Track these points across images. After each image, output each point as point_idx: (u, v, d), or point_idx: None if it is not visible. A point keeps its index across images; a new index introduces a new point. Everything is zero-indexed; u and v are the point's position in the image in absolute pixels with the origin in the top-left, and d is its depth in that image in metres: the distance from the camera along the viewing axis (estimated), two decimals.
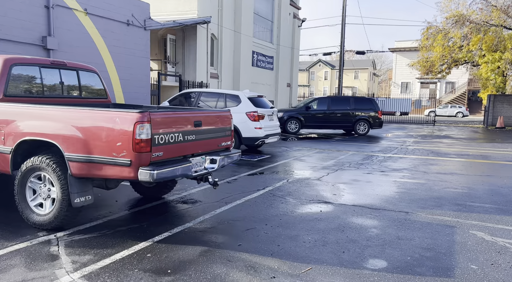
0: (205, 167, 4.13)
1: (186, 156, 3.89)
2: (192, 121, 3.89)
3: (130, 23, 11.67)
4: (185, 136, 3.77)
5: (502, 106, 22.17)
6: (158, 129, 3.44)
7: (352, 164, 8.33)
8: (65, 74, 4.58)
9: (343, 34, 23.54)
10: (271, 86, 22.82)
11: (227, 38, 17.88)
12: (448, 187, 6.14)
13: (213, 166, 4.18)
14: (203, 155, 4.12)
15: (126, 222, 4.09)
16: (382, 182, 6.48)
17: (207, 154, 4.17)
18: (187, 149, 3.86)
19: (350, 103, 15.84)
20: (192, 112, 4.02)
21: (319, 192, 5.72)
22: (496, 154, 10.31)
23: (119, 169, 3.37)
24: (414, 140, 13.99)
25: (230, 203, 4.90)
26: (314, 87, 65.47)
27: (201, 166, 4.08)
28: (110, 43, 11.05)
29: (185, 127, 3.79)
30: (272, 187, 5.93)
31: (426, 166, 8.22)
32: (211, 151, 4.27)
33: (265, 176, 6.83)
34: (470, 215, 4.61)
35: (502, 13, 19.88)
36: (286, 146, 11.34)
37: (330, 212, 4.67)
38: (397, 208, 4.88)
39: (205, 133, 4.09)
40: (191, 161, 3.82)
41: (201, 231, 3.87)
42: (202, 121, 4.03)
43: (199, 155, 4.07)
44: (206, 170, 4.10)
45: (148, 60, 12.66)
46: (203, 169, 4.09)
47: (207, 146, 4.18)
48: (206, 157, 4.14)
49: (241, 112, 9.06)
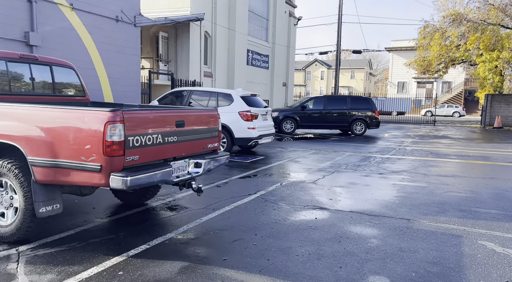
0: (188, 171, 3.75)
1: (167, 160, 3.51)
2: (174, 121, 3.52)
3: (119, 19, 11.24)
4: (165, 138, 3.39)
5: (500, 106, 21.97)
6: (133, 130, 3.06)
7: (349, 165, 7.99)
8: (36, 69, 4.19)
9: (340, 33, 23.23)
10: (266, 86, 22.46)
11: (221, 36, 17.49)
12: (450, 191, 5.81)
13: (198, 171, 3.81)
14: (186, 158, 3.74)
15: (101, 232, 3.70)
16: (381, 185, 6.13)
17: (191, 157, 3.80)
18: (168, 152, 3.48)
19: (346, 102, 15.51)
20: (174, 111, 3.65)
21: (314, 196, 5.36)
22: (497, 155, 10.02)
23: (88, 175, 2.99)
24: (412, 140, 13.69)
25: (218, 210, 4.52)
26: (311, 87, 65.24)
27: (184, 170, 3.71)
28: (98, 40, 10.63)
29: (165, 128, 3.41)
30: (264, 191, 5.56)
31: (426, 167, 7.90)
32: (195, 153, 3.89)
33: (258, 178, 6.46)
34: (477, 223, 4.27)
35: (499, 11, 19.66)
36: (281, 147, 10.98)
37: (326, 219, 4.31)
38: (397, 215, 4.53)
39: (188, 135, 3.71)
40: (171, 165, 3.45)
41: (183, 242, 3.49)
42: (185, 121, 3.65)
43: (182, 158, 3.70)
44: (190, 174, 3.72)
45: (138, 58, 12.25)
46: (186, 173, 3.71)
47: (191, 148, 3.80)
48: (189, 161, 3.76)
49: (233, 111, 8.69)
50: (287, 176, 6.74)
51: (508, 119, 21.76)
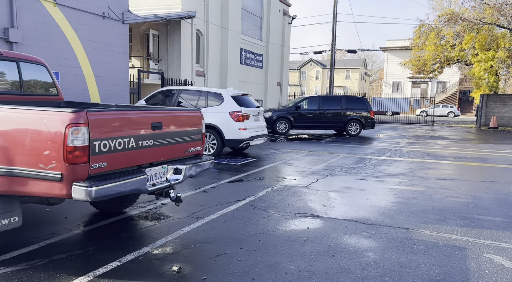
0: (167, 178, 3.40)
1: (142, 166, 3.16)
2: (149, 123, 3.16)
3: (106, 16, 10.83)
4: (139, 142, 3.04)
5: (495, 106, 21.84)
6: (100, 134, 2.70)
7: (343, 168, 7.67)
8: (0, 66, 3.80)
9: (334, 33, 22.96)
10: (260, 85, 22.12)
11: (214, 35, 17.12)
12: (450, 196, 5.51)
13: (178, 177, 3.45)
14: (164, 164, 3.39)
15: (69, 246, 3.33)
16: (377, 190, 5.82)
17: (170, 163, 3.44)
18: (143, 157, 3.13)
19: (341, 102, 15.22)
20: (150, 112, 3.29)
21: (307, 202, 5.03)
22: (495, 156, 9.77)
23: (47, 185, 2.62)
24: (407, 141, 13.43)
25: (202, 219, 4.17)
26: (306, 87, 65.03)
27: (162, 177, 3.35)
28: (84, 37, 10.22)
29: (139, 130, 3.06)
30: (254, 196, 5.22)
31: (424, 170, 7.60)
32: (175, 158, 3.54)
33: (248, 183, 6.12)
34: (481, 232, 3.97)
35: (495, 11, 19.50)
36: (274, 148, 10.64)
37: (318, 229, 3.98)
38: (396, 223, 4.22)
39: (167, 138, 3.36)
40: (146, 172, 3.09)
41: (160, 258, 3.13)
42: (163, 123, 3.30)
43: (160, 164, 3.34)
44: (168, 182, 3.36)
45: (126, 56, 11.84)
46: (164, 181, 3.36)
47: (170, 152, 3.45)
48: (168, 167, 3.41)
49: (224, 112, 8.34)
50: (279, 180, 6.40)
51: (504, 120, 21.64)
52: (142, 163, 3.14)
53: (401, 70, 37.26)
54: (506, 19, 19.53)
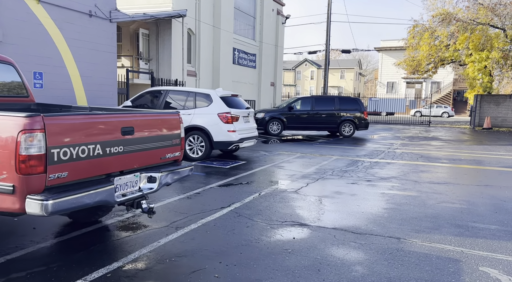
0: (139, 187, 3.15)
1: (111, 175, 2.91)
2: (119, 128, 2.91)
3: (92, 14, 10.52)
4: (106, 149, 2.78)
5: (489, 107, 21.81)
6: (60, 140, 2.45)
7: (335, 171, 7.46)
8: None
9: (328, 32, 22.79)
10: (253, 85, 21.87)
11: (206, 34, 16.84)
12: (444, 201, 5.31)
13: (152, 186, 3.21)
14: (137, 171, 3.14)
15: (31, 262, 3.07)
16: (369, 195, 5.61)
17: (143, 170, 3.19)
18: (112, 165, 2.87)
19: (334, 103, 15.03)
20: (119, 115, 3.03)
21: (295, 209, 4.80)
22: (489, 158, 9.62)
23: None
24: (401, 142, 13.27)
25: (182, 229, 3.92)
26: (301, 87, 64.92)
27: (134, 186, 3.10)
28: (69, 36, 9.90)
29: (107, 136, 2.81)
30: (239, 203, 4.98)
31: (417, 173, 7.41)
32: (150, 165, 3.29)
33: (235, 188, 5.87)
34: (476, 242, 3.76)
35: (488, 11, 19.44)
36: (265, 150, 10.41)
37: (305, 239, 3.74)
38: (386, 232, 4.00)
39: (140, 144, 3.11)
40: (114, 181, 2.84)
41: (130, 276, 2.88)
42: (134, 128, 3.05)
43: (132, 172, 3.09)
44: (141, 191, 3.11)
45: (114, 56, 11.53)
46: (137, 190, 3.11)
47: (144, 159, 3.20)
48: (141, 175, 3.16)
49: (212, 113, 8.09)
50: (267, 184, 6.17)
51: (497, 120, 21.61)
52: (111, 171, 2.89)
53: (395, 71, 37.26)
54: (500, 19, 19.48)
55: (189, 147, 8.25)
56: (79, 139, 2.58)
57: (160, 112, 3.63)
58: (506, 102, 21.55)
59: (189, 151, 8.23)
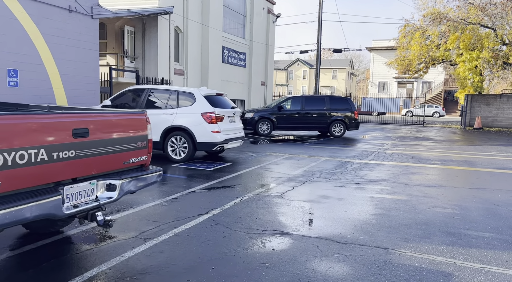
0: (96, 196, 2.80)
1: (60, 183, 2.55)
2: (70, 130, 2.56)
3: (73, 10, 10.08)
4: (53, 154, 2.43)
5: (480, 106, 21.79)
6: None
7: (323, 173, 7.17)
8: None
9: (320, 32, 22.57)
10: (243, 85, 21.53)
11: (194, 32, 16.45)
12: (435, 206, 5.04)
13: (111, 195, 2.86)
14: (94, 178, 2.79)
15: None
16: (357, 199, 5.32)
17: (101, 177, 2.85)
18: (61, 172, 2.52)
19: (325, 103, 14.77)
20: (70, 115, 2.68)
21: (277, 216, 4.49)
22: (481, 159, 9.43)
23: None
24: (392, 142, 13.05)
25: (151, 240, 3.58)
26: (293, 87, 64.77)
27: (90, 195, 2.75)
28: (47, 32, 9.45)
29: (54, 139, 2.45)
30: (219, 209, 4.65)
31: (407, 175, 7.16)
32: (110, 171, 2.94)
33: (216, 192, 5.54)
34: (469, 252, 3.48)
35: (479, 11, 19.38)
36: (253, 151, 10.08)
37: (285, 251, 3.43)
38: (374, 241, 3.70)
39: (97, 147, 2.76)
40: (63, 191, 2.49)
41: None
42: (90, 129, 2.70)
43: (87, 179, 2.74)
44: (98, 201, 2.76)
45: (96, 53, 11.10)
46: (92, 200, 2.76)
47: (102, 164, 2.85)
48: (98, 182, 2.81)
49: (195, 113, 7.74)
50: (251, 188, 5.84)
51: (488, 120, 21.60)
52: (60, 179, 2.54)
53: (387, 70, 37.25)
54: (490, 19, 19.43)
55: (171, 148, 7.88)
56: (17, 143, 2.22)
57: (123, 112, 3.28)
58: (496, 102, 21.55)
59: (171, 152, 7.87)
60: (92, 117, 2.79)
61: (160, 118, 7.86)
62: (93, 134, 2.72)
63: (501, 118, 21.40)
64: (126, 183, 2.94)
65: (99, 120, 2.82)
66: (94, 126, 2.74)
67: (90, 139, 2.70)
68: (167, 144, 7.86)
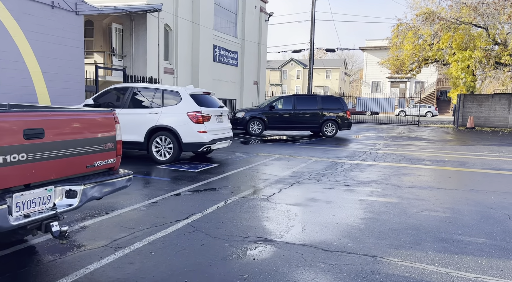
0: (54, 204, 2.53)
1: (10, 190, 2.28)
2: (20, 130, 2.29)
3: (55, 6, 9.75)
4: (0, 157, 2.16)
5: (472, 106, 21.77)
6: None
7: (312, 174, 6.95)
8: None
9: (313, 31, 22.39)
10: (235, 84, 21.26)
11: (184, 30, 16.15)
12: (426, 209, 4.84)
13: (71, 202, 2.60)
14: (50, 184, 2.52)
15: None
16: (346, 202, 5.10)
17: (60, 183, 2.58)
18: (10, 178, 2.26)
19: (317, 102, 14.57)
20: (21, 114, 2.41)
21: (262, 221, 4.25)
22: (474, 160, 9.28)
23: None
24: (384, 142, 12.89)
25: (122, 249, 3.31)
26: (287, 86, 64.64)
27: (46, 203, 2.48)
28: (28, 28, 9.11)
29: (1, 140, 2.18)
30: (200, 214, 4.39)
31: (399, 176, 6.96)
32: (72, 176, 2.67)
33: (199, 195, 5.28)
34: (462, 260, 3.27)
35: (471, 10, 19.34)
36: (243, 151, 9.83)
37: (266, 260, 3.19)
38: (362, 248, 3.48)
39: (54, 150, 2.50)
40: (10, 199, 2.22)
41: None
42: (45, 130, 2.43)
43: (42, 186, 2.47)
44: (55, 209, 2.50)
45: (81, 51, 10.77)
46: (49, 208, 2.49)
47: (62, 169, 2.59)
48: (56, 188, 2.54)
49: (181, 112, 7.47)
50: (236, 191, 5.59)
51: (480, 120, 21.59)
52: (8, 185, 2.27)
53: (380, 70, 37.24)
54: (483, 18, 19.40)
55: (156, 148, 7.61)
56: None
57: (87, 111, 3.01)
58: (488, 102, 21.55)
59: (156, 153, 7.59)
60: (48, 117, 2.52)
61: (145, 117, 7.58)
62: (49, 135, 2.45)
63: (493, 118, 21.41)
64: (89, 189, 2.68)
65: (57, 120, 2.55)
66: (51, 127, 2.47)
67: (46, 141, 2.43)
68: (152, 145, 7.58)
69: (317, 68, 58.32)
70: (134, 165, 7.42)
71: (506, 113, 21.15)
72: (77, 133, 2.68)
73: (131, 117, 7.62)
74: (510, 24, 19.36)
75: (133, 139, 7.58)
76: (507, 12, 18.38)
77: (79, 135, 2.69)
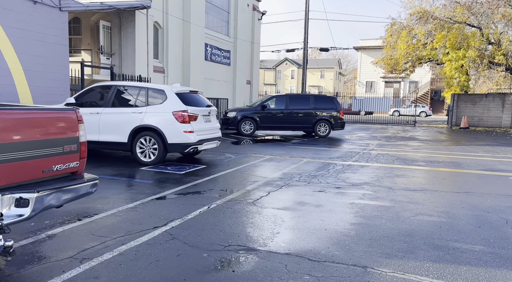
0: (1, 215, 2.23)
1: None
2: None
3: (37, 1, 9.40)
4: None
5: (466, 106, 21.70)
6: None
7: (303, 176, 6.69)
8: None
9: (306, 30, 22.18)
10: (228, 83, 20.96)
11: (175, 28, 15.82)
12: (420, 213, 4.61)
13: (22, 212, 2.30)
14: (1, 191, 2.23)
15: None
16: (336, 206, 4.85)
17: (10, 190, 2.28)
18: None
19: (310, 102, 14.34)
20: None
21: (246, 227, 3.98)
22: (468, 160, 9.10)
23: None
24: (378, 143, 12.69)
25: (88, 261, 3.02)
26: (281, 86, 64.45)
27: None
28: (8, 24, 8.76)
29: None
30: (180, 220, 4.11)
31: (392, 178, 6.74)
32: (25, 182, 2.38)
33: (182, 199, 5.00)
34: (459, 271, 3.03)
35: (465, 9, 19.25)
36: (232, 152, 9.56)
37: (246, 273, 2.92)
38: (351, 258, 3.22)
39: (4, 152, 2.20)
40: None
41: None
42: None
43: None
44: (1, 221, 2.20)
45: (66, 48, 10.42)
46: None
47: (11, 174, 2.30)
48: (4, 196, 2.24)
49: (166, 111, 7.18)
50: (221, 194, 5.32)
51: (474, 120, 21.53)
52: None
53: (374, 70, 37.16)
54: (476, 18, 19.31)
55: (141, 149, 7.30)
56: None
57: (44, 108, 2.71)
58: (482, 102, 21.49)
59: (140, 154, 7.29)
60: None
61: (128, 117, 7.27)
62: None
63: (487, 117, 21.35)
64: (45, 196, 2.39)
65: (4, 118, 2.26)
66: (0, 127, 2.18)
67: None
68: (136, 145, 7.28)
69: (311, 68, 58.22)
70: (117, 166, 7.11)
71: (500, 113, 21.10)
72: (30, 134, 2.39)
73: (114, 116, 7.32)
74: (503, 24, 19.29)
75: (117, 139, 7.28)
76: (500, 11, 18.31)
77: (33, 136, 2.40)
